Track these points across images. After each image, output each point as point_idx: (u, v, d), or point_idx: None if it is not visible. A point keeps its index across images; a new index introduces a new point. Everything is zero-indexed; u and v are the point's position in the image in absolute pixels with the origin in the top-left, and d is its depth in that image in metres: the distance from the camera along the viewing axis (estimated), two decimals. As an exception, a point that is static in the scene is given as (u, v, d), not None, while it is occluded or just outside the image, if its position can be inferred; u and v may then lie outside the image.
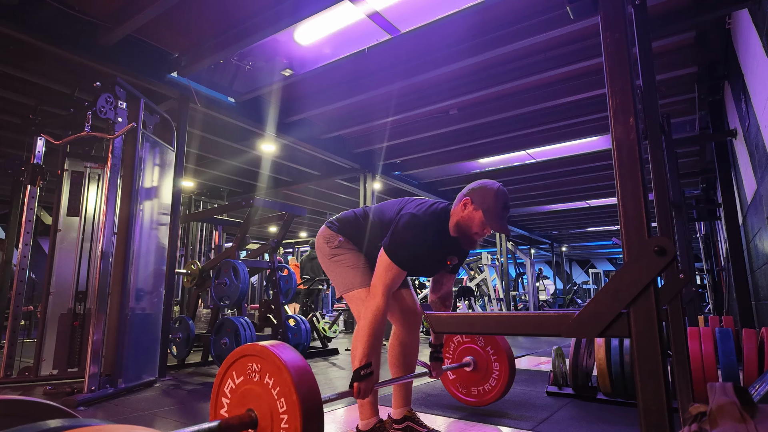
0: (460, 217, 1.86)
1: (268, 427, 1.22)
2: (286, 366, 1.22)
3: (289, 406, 1.18)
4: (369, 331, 1.72)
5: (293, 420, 1.16)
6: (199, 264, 4.89)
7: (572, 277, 23.46)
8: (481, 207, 1.81)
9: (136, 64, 4.13)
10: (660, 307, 0.96)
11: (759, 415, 0.92)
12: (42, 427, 0.49)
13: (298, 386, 1.18)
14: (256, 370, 1.29)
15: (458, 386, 2.73)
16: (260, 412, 1.24)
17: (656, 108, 1.67)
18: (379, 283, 1.77)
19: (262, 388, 1.26)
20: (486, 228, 1.82)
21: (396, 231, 1.82)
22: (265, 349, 1.28)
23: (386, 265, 1.78)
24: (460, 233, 1.88)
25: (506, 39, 3.87)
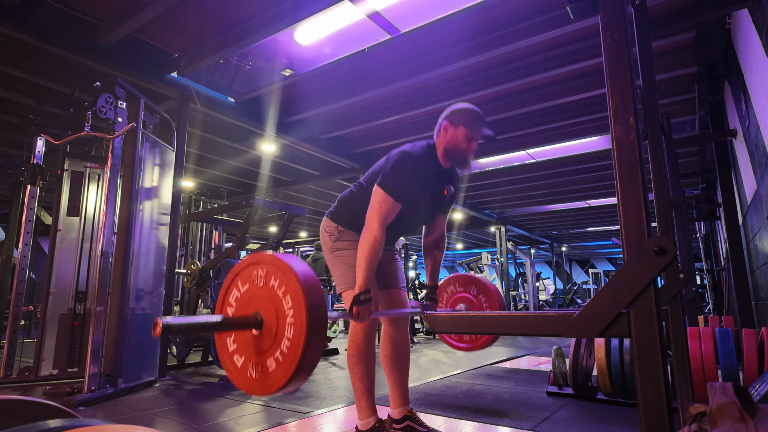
0: (446, 141, 1.95)
1: (273, 326, 1.26)
2: (290, 266, 1.27)
3: (295, 302, 1.23)
4: (367, 260, 1.76)
5: (299, 314, 1.21)
6: (199, 264, 4.88)
7: (572, 277, 23.46)
8: (459, 123, 1.92)
9: (136, 64, 4.13)
10: (660, 307, 0.96)
11: (759, 415, 0.92)
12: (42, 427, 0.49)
13: (303, 283, 1.23)
14: (261, 276, 1.33)
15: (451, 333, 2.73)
16: (266, 313, 1.29)
17: (656, 108, 1.67)
18: (373, 216, 1.81)
19: (267, 291, 1.31)
20: (473, 140, 1.92)
21: (388, 167, 1.87)
22: (271, 255, 1.34)
23: (380, 198, 1.82)
24: (451, 157, 1.96)
25: (506, 39, 3.87)
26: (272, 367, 1.23)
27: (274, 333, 1.25)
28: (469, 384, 3.43)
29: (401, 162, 1.87)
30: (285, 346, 1.22)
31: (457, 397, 3.00)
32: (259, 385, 1.25)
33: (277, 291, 1.28)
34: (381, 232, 1.79)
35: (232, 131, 6.02)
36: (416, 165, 1.88)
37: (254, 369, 1.27)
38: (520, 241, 16.41)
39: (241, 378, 1.30)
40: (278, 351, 1.23)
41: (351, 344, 1.98)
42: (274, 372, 1.23)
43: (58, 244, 3.89)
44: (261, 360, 1.26)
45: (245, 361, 1.30)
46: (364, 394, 1.95)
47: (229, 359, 1.33)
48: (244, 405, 2.83)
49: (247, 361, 1.29)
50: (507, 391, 3.18)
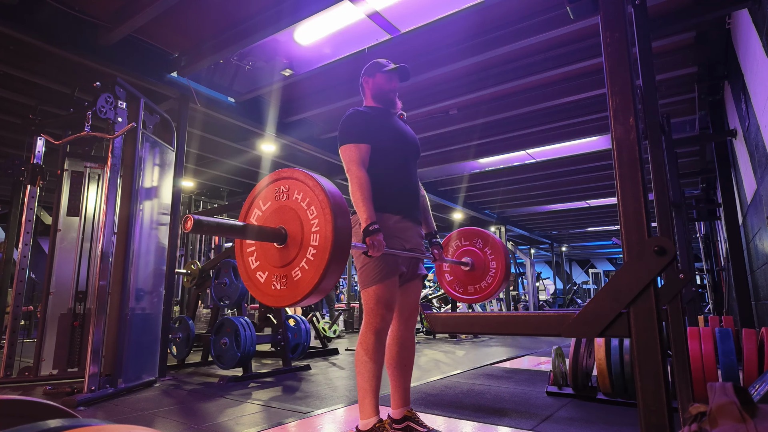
0: (371, 92, 2.19)
1: (298, 236, 1.30)
2: (314, 178, 1.31)
3: (320, 210, 1.27)
4: (362, 198, 1.88)
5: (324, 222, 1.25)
6: (199, 264, 4.89)
7: (572, 277, 23.46)
8: (374, 72, 2.18)
9: (136, 64, 4.13)
10: (660, 307, 0.96)
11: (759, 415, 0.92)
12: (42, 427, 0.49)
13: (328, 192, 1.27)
14: (284, 191, 1.37)
15: (455, 286, 2.73)
16: (290, 226, 1.32)
17: (656, 108, 1.67)
18: (349, 166, 1.96)
19: (291, 204, 1.34)
20: (392, 80, 2.17)
21: (339, 130, 2.04)
22: (292, 170, 1.38)
23: (344, 151, 1.98)
24: (381, 101, 2.17)
25: (506, 39, 3.88)
26: (298, 276, 1.28)
27: (299, 243, 1.29)
28: (469, 384, 3.43)
29: (346, 118, 2.05)
30: (311, 254, 1.26)
31: (457, 397, 3.00)
32: (285, 294, 1.30)
33: (300, 203, 1.32)
34: (362, 171, 1.93)
35: (232, 131, 6.02)
36: (359, 113, 2.05)
37: (278, 282, 1.32)
38: (520, 241, 16.41)
39: (266, 291, 1.34)
40: (304, 260, 1.27)
41: (361, 344, 1.97)
42: (300, 281, 1.27)
43: (58, 244, 3.89)
44: (285, 272, 1.31)
45: (269, 276, 1.35)
46: (369, 395, 1.95)
47: (252, 275, 1.38)
48: (244, 405, 2.83)
49: (271, 275, 1.34)
50: (507, 391, 3.18)
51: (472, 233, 2.51)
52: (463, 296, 2.69)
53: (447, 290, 2.75)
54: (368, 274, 1.96)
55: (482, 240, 2.62)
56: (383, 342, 1.99)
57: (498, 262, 2.58)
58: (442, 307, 9.00)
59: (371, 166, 1.99)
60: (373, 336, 1.95)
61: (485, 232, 2.49)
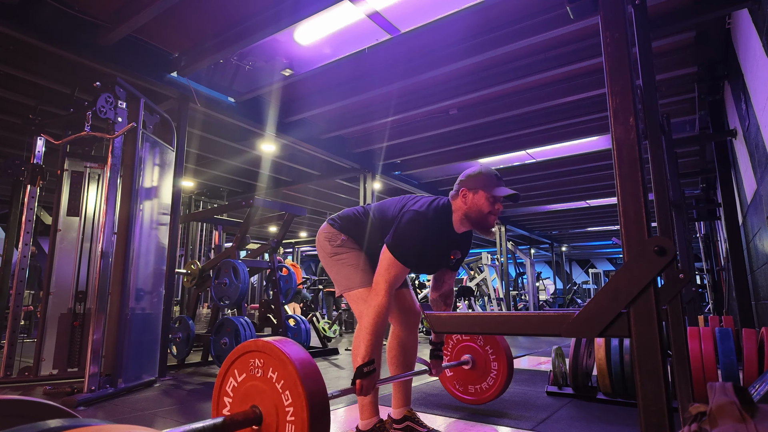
0: (467, 207, 1.86)
1: (273, 423, 1.19)
2: (289, 358, 1.19)
3: (295, 398, 1.15)
4: (372, 329, 1.72)
5: (300, 412, 1.13)
6: (199, 264, 4.88)
7: (572, 277, 23.46)
8: (478, 187, 1.84)
9: (136, 64, 4.13)
10: (660, 307, 0.96)
11: (759, 415, 0.92)
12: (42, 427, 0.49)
13: (303, 378, 1.15)
14: (258, 366, 1.26)
15: (456, 384, 2.72)
16: (265, 408, 1.22)
17: (656, 108, 1.67)
18: (381, 281, 1.77)
19: (265, 383, 1.23)
20: (497, 202, 1.83)
21: (399, 228, 1.82)
22: (267, 343, 1.26)
23: (389, 263, 1.78)
24: (473, 222, 1.88)
25: (506, 39, 3.87)
26: None
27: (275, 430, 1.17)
28: (469, 384, 3.43)
29: (413, 225, 1.81)
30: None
31: (457, 397, 2.99)
32: None
33: (275, 384, 1.20)
34: (388, 299, 1.75)
35: (232, 131, 6.02)
36: (427, 230, 1.83)
37: None
38: (520, 241, 16.41)
39: None
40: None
41: (356, 346, 1.96)
42: None
43: (58, 244, 3.88)
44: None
45: None
46: (368, 396, 1.95)
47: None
48: (244, 405, 2.83)
49: None
50: (507, 390, 3.17)
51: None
52: (463, 396, 2.67)
53: (447, 388, 2.75)
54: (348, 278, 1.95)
55: (483, 338, 2.60)
56: (380, 340, 1.99)
57: (500, 363, 2.54)
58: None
59: None
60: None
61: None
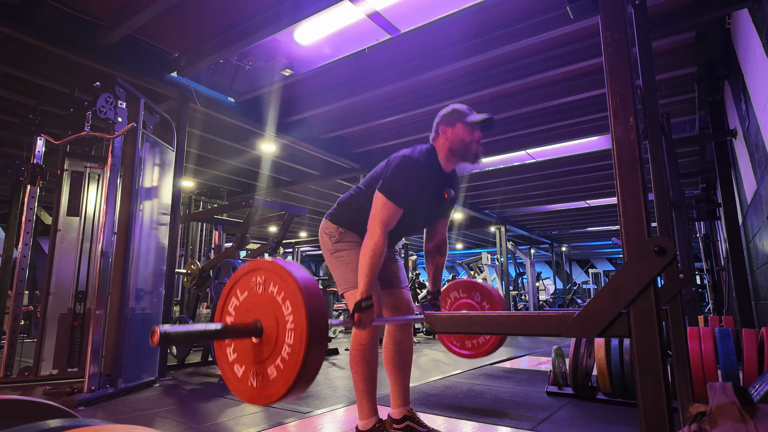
0: (449, 142, 1.97)
1: (273, 333, 1.24)
2: (288, 271, 1.25)
3: (294, 307, 1.21)
4: (369, 266, 1.76)
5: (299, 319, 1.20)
6: (199, 264, 4.88)
7: (572, 277, 23.46)
8: (456, 121, 1.96)
9: (136, 64, 4.13)
10: (660, 307, 0.96)
11: (759, 415, 0.92)
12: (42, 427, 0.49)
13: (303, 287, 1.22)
14: (259, 283, 1.32)
15: (453, 340, 2.72)
16: (265, 320, 1.27)
17: (656, 108, 1.67)
18: (375, 222, 1.81)
19: (266, 298, 1.29)
20: (475, 130, 1.95)
21: (388, 172, 1.87)
22: (268, 261, 1.33)
23: (381, 203, 1.82)
24: (458, 154, 1.98)
25: (506, 39, 3.87)
26: (273, 375, 1.21)
27: (275, 340, 1.23)
28: (469, 384, 3.43)
29: (401, 167, 1.87)
30: (285, 352, 1.20)
31: (457, 397, 3.00)
32: (260, 394, 1.22)
33: (276, 297, 1.26)
34: (383, 238, 1.79)
35: (232, 131, 6.02)
36: (417, 169, 1.88)
37: (255, 378, 1.25)
38: (520, 241, 16.41)
39: (242, 388, 1.27)
40: (279, 358, 1.21)
41: (354, 345, 1.97)
42: (275, 380, 1.20)
43: (58, 244, 3.89)
44: (261, 369, 1.24)
45: (246, 371, 1.27)
46: (366, 395, 1.95)
47: (230, 369, 1.31)
48: (244, 405, 2.83)
49: (247, 371, 1.27)
50: (507, 391, 3.18)
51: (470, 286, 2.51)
52: (460, 350, 2.66)
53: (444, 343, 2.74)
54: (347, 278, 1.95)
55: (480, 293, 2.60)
56: (375, 342, 1.99)
57: None
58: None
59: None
60: (366, 336, 1.95)
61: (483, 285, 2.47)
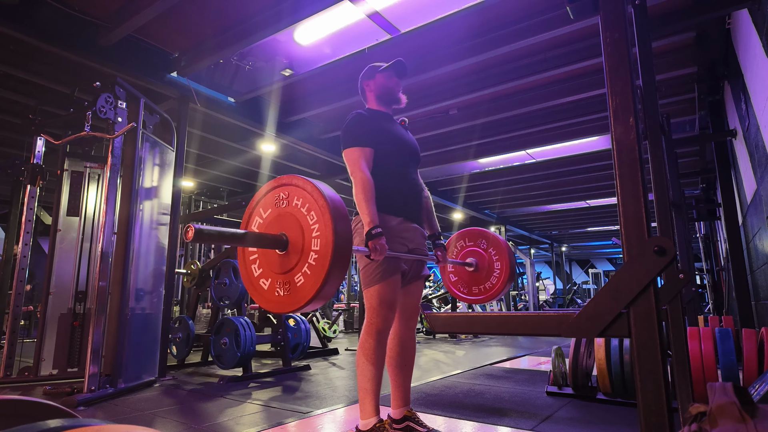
0: (374, 91, 2.19)
1: (299, 242, 1.30)
2: (313, 183, 1.32)
3: (320, 216, 1.28)
4: (365, 199, 1.88)
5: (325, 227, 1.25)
6: (199, 264, 4.89)
7: (572, 277, 23.45)
8: (372, 74, 2.19)
9: (136, 64, 4.13)
10: (660, 307, 0.96)
11: (759, 415, 0.92)
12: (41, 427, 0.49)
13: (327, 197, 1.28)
14: (283, 198, 1.39)
15: (460, 287, 2.71)
16: (291, 232, 1.33)
17: (656, 108, 1.67)
18: (352, 168, 1.95)
19: (291, 210, 1.35)
20: (392, 77, 2.19)
21: (342, 133, 2.04)
22: (291, 176, 1.39)
23: (347, 154, 1.98)
24: (384, 99, 2.19)
25: (506, 39, 3.87)
26: (300, 281, 1.28)
27: (300, 248, 1.30)
28: (469, 384, 3.43)
29: (350, 121, 2.04)
30: (312, 258, 1.27)
31: (457, 397, 3.00)
32: (288, 300, 1.30)
33: (300, 209, 1.33)
34: (365, 173, 1.92)
35: (232, 131, 6.02)
36: (361, 116, 2.05)
37: (282, 288, 1.32)
38: (520, 241, 16.41)
39: (270, 298, 1.35)
40: (306, 265, 1.28)
41: (363, 344, 1.96)
42: (303, 286, 1.27)
43: (58, 244, 3.89)
44: (288, 278, 1.31)
45: (272, 283, 1.35)
46: (369, 395, 1.95)
47: (256, 282, 1.38)
48: (244, 405, 2.83)
49: (274, 282, 1.35)
50: (507, 391, 3.18)
51: (476, 234, 2.51)
52: (468, 297, 2.67)
53: (452, 291, 2.73)
54: (370, 273, 1.96)
55: (486, 240, 2.61)
56: (384, 342, 1.99)
57: (502, 263, 2.56)
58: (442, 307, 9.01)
59: (373, 170, 1.99)
60: (375, 336, 1.94)
61: (489, 233, 2.48)
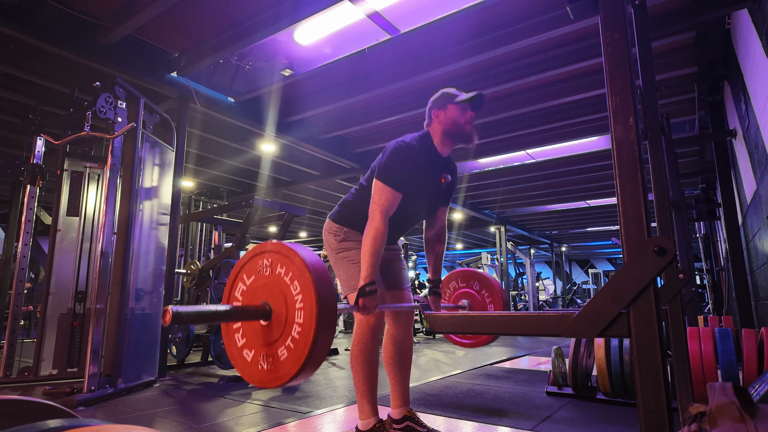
0: (442, 124, 2.00)
1: (282, 313, 1.24)
2: (296, 252, 1.24)
3: (303, 286, 1.21)
4: (371, 251, 1.76)
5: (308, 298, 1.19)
6: (198, 264, 4.88)
7: (572, 277, 23.45)
8: (447, 103, 2.00)
9: (136, 64, 4.13)
10: (660, 307, 0.96)
11: (759, 415, 0.92)
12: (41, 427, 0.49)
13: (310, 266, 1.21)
14: (266, 265, 1.31)
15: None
16: (274, 302, 1.27)
17: (656, 108, 1.67)
18: (375, 208, 1.82)
19: (274, 279, 1.29)
20: (467, 111, 1.99)
21: (384, 158, 1.89)
22: (274, 243, 1.32)
23: (380, 189, 1.83)
24: (453, 136, 2.00)
25: (506, 39, 3.87)
26: (284, 355, 1.21)
27: (284, 320, 1.23)
28: (469, 384, 3.43)
29: (397, 152, 1.88)
30: (296, 332, 1.20)
31: (457, 397, 3.00)
32: (271, 376, 1.23)
33: (284, 278, 1.26)
34: (383, 223, 1.79)
35: (232, 131, 6.02)
36: (412, 153, 1.90)
37: (265, 361, 1.25)
38: (520, 241, 16.41)
39: (253, 371, 1.27)
40: (289, 338, 1.21)
41: (356, 344, 1.96)
42: (286, 360, 1.20)
43: (57, 244, 3.88)
44: (271, 350, 1.24)
45: (255, 354, 1.28)
46: (366, 395, 1.95)
47: (239, 354, 1.31)
48: (243, 405, 2.83)
49: (257, 354, 1.27)
50: (507, 391, 3.18)
51: (469, 275, 2.51)
52: (461, 340, 2.68)
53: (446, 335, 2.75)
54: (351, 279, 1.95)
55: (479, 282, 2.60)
56: (377, 342, 1.99)
57: (495, 306, 2.56)
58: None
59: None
60: (368, 336, 1.94)
61: (482, 274, 2.48)
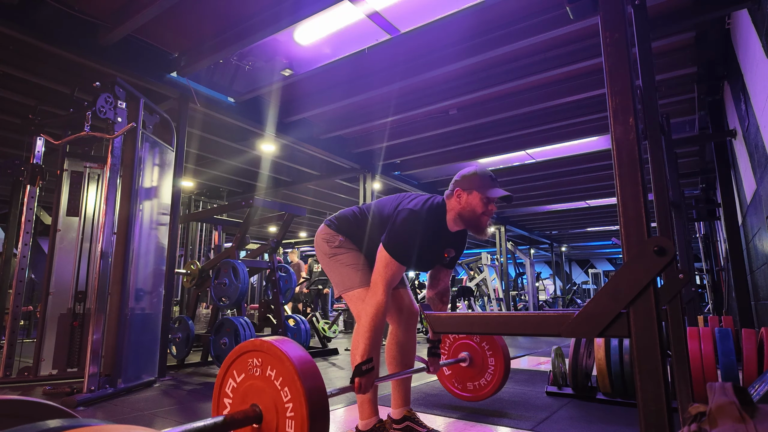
0: (461, 207, 1.88)
1: (273, 420, 1.20)
2: (287, 355, 1.20)
3: (294, 395, 1.16)
4: (370, 327, 1.74)
5: (299, 408, 1.14)
6: (198, 264, 4.88)
7: (572, 277, 23.45)
8: (473, 188, 1.86)
9: (136, 64, 4.12)
10: (660, 307, 0.96)
11: (759, 415, 0.92)
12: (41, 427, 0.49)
13: (301, 374, 1.17)
14: (257, 365, 1.27)
15: (454, 382, 2.73)
16: (264, 406, 1.23)
17: (656, 108, 1.67)
18: (379, 280, 1.79)
19: (264, 382, 1.24)
20: (490, 203, 1.85)
21: (394, 227, 1.85)
22: (265, 342, 1.27)
23: (386, 261, 1.81)
24: (467, 222, 1.89)
25: (506, 39, 3.87)
26: None
27: (275, 427, 1.18)
28: (469, 384, 3.43)
29: (407, 222, 1.83)
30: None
31: (457, 397, 3.00)
32: None
33: (274, 382, 1.21)
34: (385, 297, 1.78)
35: (232, 131, 6.02)
36: (422, 227, 1.84)
37: None
38: (520, 241, 16.41)
39: None
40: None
41: (353, 348, 1.96)
42: None
43: (57, 244, 3.88)
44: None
45: None
46: (366, 396, 1.95)
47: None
48: (243, 405, 2.83)
49: None
50: (507, 391, 3.17)
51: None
52: (462, 393, 2.70)
53: (446, 386, 2.76)
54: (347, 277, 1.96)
55: (480, 335, 2.62)
56: (379, 338, 1.99)
57: (497, 359, 2.57)
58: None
59: None
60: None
61: None
